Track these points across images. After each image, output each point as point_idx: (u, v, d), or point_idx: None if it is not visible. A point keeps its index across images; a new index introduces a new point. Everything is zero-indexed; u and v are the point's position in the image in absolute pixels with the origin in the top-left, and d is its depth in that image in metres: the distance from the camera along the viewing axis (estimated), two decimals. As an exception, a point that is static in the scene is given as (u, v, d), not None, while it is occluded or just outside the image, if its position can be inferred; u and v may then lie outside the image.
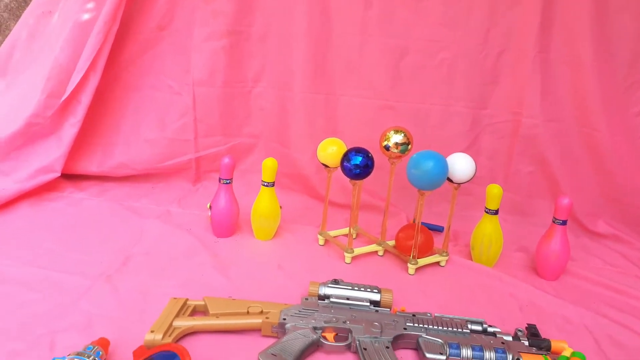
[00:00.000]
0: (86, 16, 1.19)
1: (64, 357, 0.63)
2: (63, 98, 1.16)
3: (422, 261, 1.00)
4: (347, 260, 1.01)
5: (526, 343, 0.76)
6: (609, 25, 1.13)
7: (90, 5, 1.19)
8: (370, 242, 1.08)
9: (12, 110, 1.19)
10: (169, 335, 0.72)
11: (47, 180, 1.17)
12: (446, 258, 1.02)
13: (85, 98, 1.19)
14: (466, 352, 0.73)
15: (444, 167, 0.90)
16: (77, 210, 1.14)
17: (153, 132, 1.29)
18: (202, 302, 0.80)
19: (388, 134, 0.98)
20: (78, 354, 0.63)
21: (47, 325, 0.74)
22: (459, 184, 0.96)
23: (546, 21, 1.15)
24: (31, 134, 1.17)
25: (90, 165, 1.27)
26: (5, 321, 0.74)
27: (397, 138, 0.97)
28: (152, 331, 0.71)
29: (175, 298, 0.80)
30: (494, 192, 0.99)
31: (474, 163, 0.96)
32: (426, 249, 1.01)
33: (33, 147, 1.18)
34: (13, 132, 1.16)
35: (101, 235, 1.03)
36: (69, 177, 1.26)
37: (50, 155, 1.18)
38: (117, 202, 1.19)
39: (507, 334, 0.78)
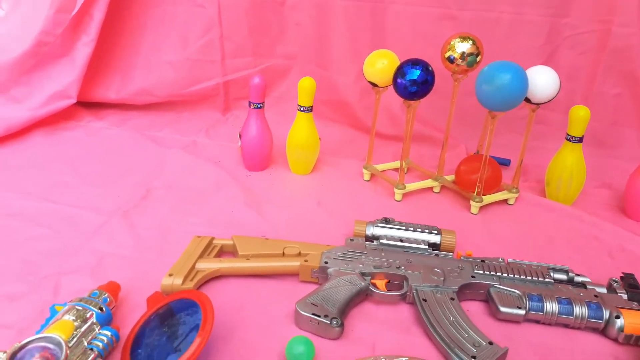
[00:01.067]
0: None
1: (65, 304, 0.53)
2: (73, 12, 1.03)
3: (488, 198, 0.84)
4: (398, 197, 0.87)
5: (624, 296, 0.61)
6: None
7: None
8: (424, 177, 0.93)
9: (19, 28, 1.07)
10: (191, 280, 0.61)
11: (62, 107, 1.07)
12: (516, 195, 0.86)
13: (99, 13, 1.06)
14: (551, 306, 0.59)
15: (524, 80, 0.72)
16: (95, 140, 1.04)
17: (175, 52, 1.16)
18: (231, 242, 0.68)
19: (452, 42, 0.80)
20: (81, 300, 0.53)
21: (54, 266, 0.64)
22: (538, 104, 0.79)
23: None
24: (42, 54, 1.06)
25: (108, 91, 1.16)
26: (7, 258, 0.65)
27: (464, 47, 0.79)
28: (170, 274, 0.60)
29: (199, 236, 0.68)
30: (580, 115, 0.81)
31: (558, 78, 0.78)
32: (493, 185, 0.86)
33: (45, 70, 1.07)
34: (22, 53, 1.05)
35: (120, 168, 0.92)
36: (87, 105, 1.16)
37: (63, 79, 1.07)
38: (139, 132, 1.08)
39: (600, 285, 0.63)
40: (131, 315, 0.56)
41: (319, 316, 0.56)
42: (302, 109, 0.90)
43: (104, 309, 0.53)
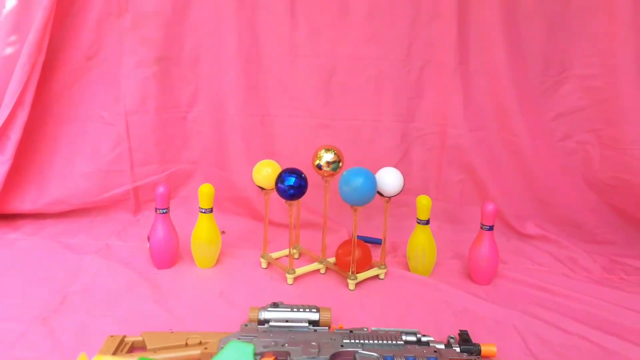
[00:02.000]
0: (9, 50, 1.17)
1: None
2: (-9, 136, 1.13)
3: (361, 276, 1.02)
4: (290, 281, 1.02)
5: (457, 349, 0.80)
6: (520, 33, 1.21)
7: (12, 38, 1.17)
8: (312, 261, 1.10)
9: None
10: (105, 377, 0.71)
11: (-23, 222, 1.14)
12: (384, 271, 1.05)
13: (14, 134, 1.16)
14: (400, 363, 0.76)
15: (373, 182, 0.93)
16: (11, 252, 1.11)
17: (88, 164, 1.27)
18: (141, 338, 0.80)
19: (319, 153, 1.01)
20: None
21: (-23, 378, 0.72)
22: (390, 197, 1.00)
23: (463, 33, 1.21)
24: (-41, 175, 1.14)
25: (23, 203, 1.23)
26: None
27: (328, 157, 1.00)
28: (86, 374, 0.71)
29: (112, 336, 0.79)
30: (423, 203, 1.03)
31: (401, 176, 0.99)
32: (365, 263, 1.04)
33: (-39, 188, 1.14)
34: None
35: (37, 276, 1.00)
36: (2, 217, 1.22)
37: (-21, 195, 1.14)
38: (54, 240, 1.16)
39: (440, 342, 0.81)
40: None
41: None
42: (203, 210, 1.05)
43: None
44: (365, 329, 0.83)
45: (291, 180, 0.96)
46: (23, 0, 1.17)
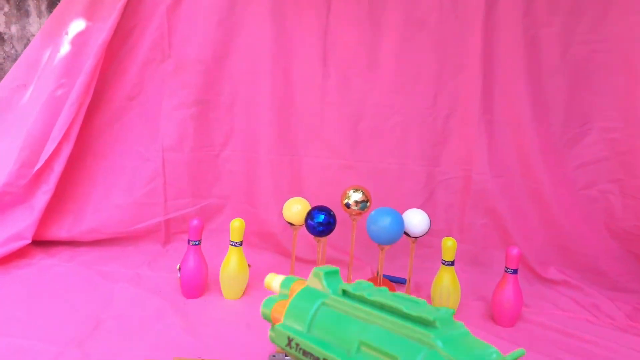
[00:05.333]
0: (59, 91, 1.25)
1: None
2: (37, 167, 1.20)
3: (386, 313, 1.04)
4: (314, 315, 1.04)
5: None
6: (543, 86, 1.26)
7: (63, 80, 1.25)
8: (336, 297, 1.12)
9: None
10: (139, 398, 0.74)
11: (17, 247, 1.18)
12: (408, 309, 1.07)
13: (58, 166, 1.23)
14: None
15: (400, 222, 0.97)
16: (47, 277, 1.15)
17: (123, 197, 1.33)
18: (173, 364, 0.82)
19: (348, 192, 1.05)
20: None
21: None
22: (416, 237, 1.03)
23: (487, 86, 1.27)
24: (4, 203, 1.20)
25: (60, 231, 1.29)
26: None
27: (356, 196, 1.04)
28: (122, 394, 0.73)
29: (145, 360, 0.82)
30: (448, 245, 1.06)
31: (427, 218, 1.03)
32: (389, 302, 1.06)
33: (4, 215, 1.20)
34: (-15, 203, 1.18)
35: (72, 301, 1.04)
36: (39, 243, 1.27)
37: (21, 222, 1.20)
38: (87, 267, 1.20)
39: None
40: None
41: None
42: (233, 243, 1.09)
43: None
44: None
45: (321, 217, 1.00)
46: (75, 47, 1.27)
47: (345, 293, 0.35)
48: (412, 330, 0.31)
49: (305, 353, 0.34)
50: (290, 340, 0.36)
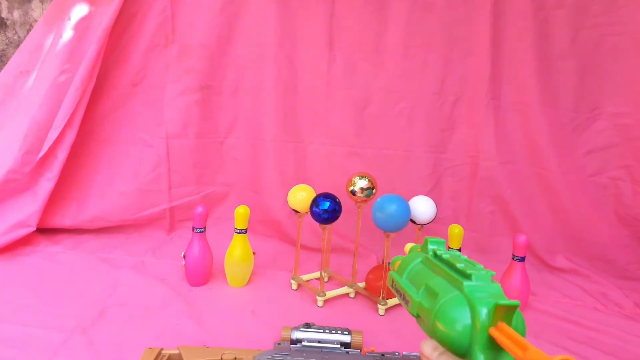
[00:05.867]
0: (62, 77, 1.24)
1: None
2: (41, 154, 1.19)
3: (392, 301, 1.03)
4: (320, 303, 1.04)
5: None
6: (552, 72, 1.24)
7: (67, 66, 1.24)
8: (342, 285, 1.11)
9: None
10: (144, 385, 0.74)
11: (22, 235, 1.18)
12: (414, 297, 1.06)
13: (62, 153, 1.22)
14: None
15: (406, 209, 0.95)
16: (52, 264, 1.15)
17: (127, 184, 1.32)
18: (177, 351, 0.82)
19: (353, 179, 1.03)
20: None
21: (23, 382, 0.75)
22: (422, 225, 1.02)
23: (495, 70, 1.25)
24: (8, 190, 1.19)
25: (64, 218, 1.29)
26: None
27: (362, 183, 1.03)
28: (127, 382, 0.73)
29: (150, 348, 0.82)
30: (455, 232, 1.04)
31: (434, 205, 1.01)
32: (395, 290, 1.05)
33: (9, 202, 1.20)
34: (-10, 190, 1.18)
35: (76, 288, 1.04)
36: (43, 231, 1.27)
37: (26, 210, 1.20)
38: (92, 254, 1.20)
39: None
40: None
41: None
42: (238, 231, 1.09)
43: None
44: (397, 354, 0.84)
45: (326, 205, 0.99)
46: (78, 32, 1.25)
47: (435, 254, 0.47)
48: (456, 280, 0.41)
49: (397, 291, 0.49)
50: (393, 281, 0.51)
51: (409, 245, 0.57)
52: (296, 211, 1.06)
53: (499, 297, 0.39)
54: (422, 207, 1.00)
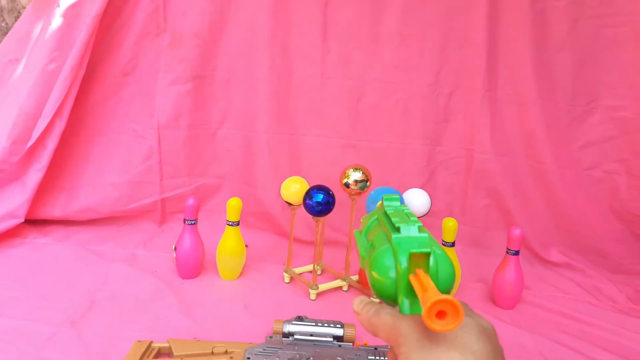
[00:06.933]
0: (51, 66, 1.21)
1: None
2: (29, 144, 1.17)
3: (385, 295, 1.03)
4: (312, 296, 1.03)
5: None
6: (549, 63, 1.22)
7: (56, 54, 1.21)
8: (335, 278, 1.10)
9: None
10: (133, 380, 0.72)
11: (10, 226, 1.16)
12: (408, 291, 1.05)
13: (51, 143, 1.20)
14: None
15: (401, 202, 0.94)
16: (40, 255, 1.13)
17: (118, 175, 1.30)
18: (167, 344, 0.81)
19: (347, 171, 1.02)
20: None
21: (9, 375, 0.73)
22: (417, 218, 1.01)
23: (491, 61, 1.23)
24: (-5, 180, 1.17)
25: (53, 210, 1.26)
26: (-36, 373, 0.74)
27: (356, 175, 1.01)
28: (115, 376, 0.72)
29: (139, 341, 0.80)
30: (449, 225, 1.03)
31: (429, 198, 1.00)
32: (388, 283, 1.04)
33: (-4, 193, 1.18)
34: (-24, 180, 1.15)
35: (66, 281, 1.02)
36: (32, 222, 1.25)
37: (14, 201, 1.17)
38: (82, 246, 1.18)
39: None
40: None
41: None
42: (230, 223, 1.07)
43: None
44: (389, 347, 0.83)
45: (319, 197, 0.97)
46: (68, 20, 1.22)
47: (385, 213, 0.50)
48: (389, 233, 0.46)
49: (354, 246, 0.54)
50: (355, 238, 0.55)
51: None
52: (289, 203, 1.05)
53: (419, 246, 0.43)
54: (417, 200, 0.99)
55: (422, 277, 0.40)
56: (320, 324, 0.86)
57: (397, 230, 0.44)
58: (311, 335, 0.84)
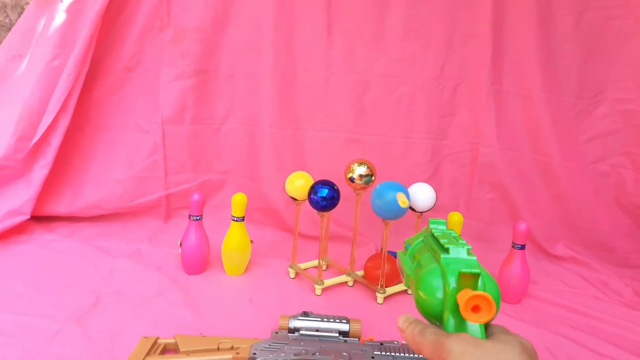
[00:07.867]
0: (56, 62, 1.21)
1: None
2: (34, 140, 1.17)
3: (390, 290, 1.02)
4: (318, 292, 1.03)
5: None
6: (554, 57, 1.22)
7: (59, 50, 1.21)
8: (340, 273, 1.10)
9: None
10: (140, 375, 0.73)
11: (16, 223, 1.17)
12: (413, 285, 1.05)
13: (56, 140, 1.20)
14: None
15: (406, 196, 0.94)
16: (46, 252, 1.14)
17: (122, 171, 1.30)
18: (173, 340, 0.81)
19: (352, 166, 1.02)
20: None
21: (16, 371, 0.74)
22: (421, 212, 1.01)
23: (497, 55, 1.22)
24: (1, 177, 1.17)
25: (59, 206, 1.27)
26: (-29, 368, 0.74)
27: (361, 170, 1.01)
28: (122, 372, 0.72)
29: (145, 337, 0.81)
30: (455, 220, 1.03)
31: (434, 192, 1.00)
32: (394, 278, 1.04)
33: (2, 190, 1.18)
34: (-18, 177, 1.16)
35: (71, 277, 1.02)
36: (38, 218, 1.25)
37: (19, 198, 1.18)
38: (87, 243, 1.19)
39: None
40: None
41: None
42: (235, 219, 1.07)
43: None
44: (395, 342, 0.83)
45: (324, 192, 0.97)
46: (71, 15, 1.22)
47: (432, 234, 0.52)
48: (438, 254, 0.47)
49: (400, 268, 0.55)
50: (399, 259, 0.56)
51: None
52: (294, 199, 1.05)
53: (468, 267, 0.44)
54: (422, 195, 0.98)
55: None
56: (326, 320, 0.86)
57: (446, 251, 0.46)
58: (317, 330, 0.84)
